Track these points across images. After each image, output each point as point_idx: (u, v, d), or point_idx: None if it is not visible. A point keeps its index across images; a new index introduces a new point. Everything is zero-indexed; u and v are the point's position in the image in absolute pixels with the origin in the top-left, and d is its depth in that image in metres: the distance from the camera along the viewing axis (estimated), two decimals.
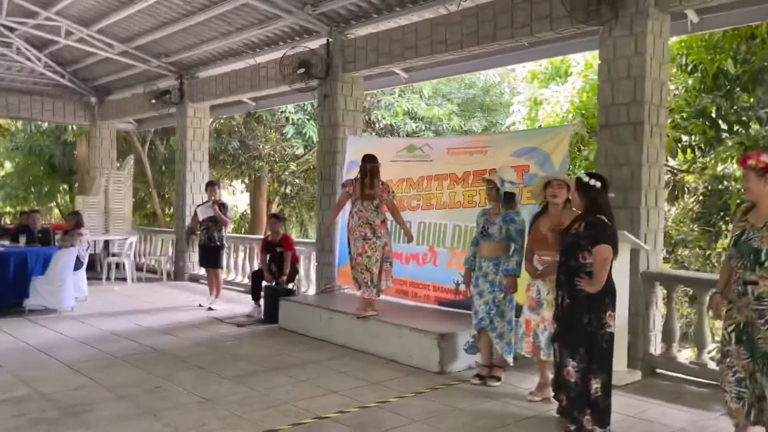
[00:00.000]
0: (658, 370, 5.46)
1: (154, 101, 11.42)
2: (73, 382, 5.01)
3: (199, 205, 8.79)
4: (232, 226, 9.61)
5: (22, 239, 8.68)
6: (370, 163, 6.21)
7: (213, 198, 8.59)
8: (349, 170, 8.08)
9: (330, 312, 6.72)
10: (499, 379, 5.12)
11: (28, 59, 11.91)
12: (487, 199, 5.22)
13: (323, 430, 4.06)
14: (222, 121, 15.90)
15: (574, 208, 4.36)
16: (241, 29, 9.20)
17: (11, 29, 10.82)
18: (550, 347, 4.49)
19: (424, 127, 13.59)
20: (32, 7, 9.83)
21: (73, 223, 9.12)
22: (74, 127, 16.29)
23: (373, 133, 14.89)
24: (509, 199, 5.03)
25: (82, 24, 10.22)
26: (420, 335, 5.64)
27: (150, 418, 4.21)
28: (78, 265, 8.60)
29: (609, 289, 4.07)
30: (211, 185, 8.83)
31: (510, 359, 5.13)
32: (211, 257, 8.70)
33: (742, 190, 3.98)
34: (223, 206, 8.67)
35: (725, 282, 3.77)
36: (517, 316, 5.00)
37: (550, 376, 4.61)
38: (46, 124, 17.29)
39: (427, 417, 4.30)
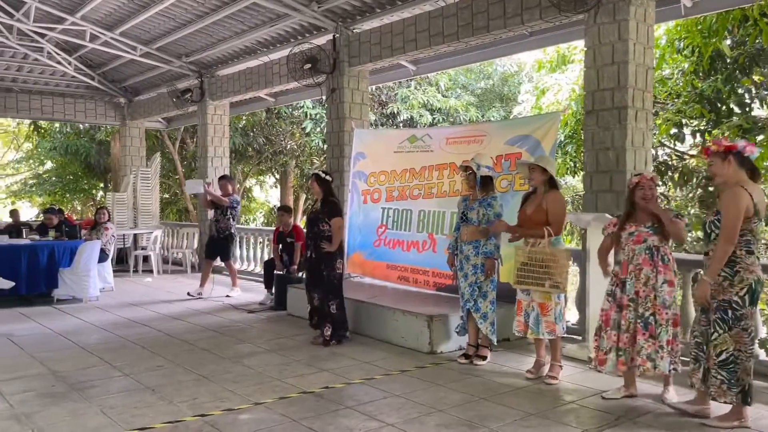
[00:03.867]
0: None
1: (176, 99, 11.87)
2: (85, 362, 5.39)
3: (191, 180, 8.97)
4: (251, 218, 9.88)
5: (52, 233, 9.20)
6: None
7: (226, 192, 8.92)
8: (356, 162, 8.33)
9: None
10: (484, 358, 5.29)
11: (59, 63, 12.50)
12: (466, 185, 5.38)
13: (305, 402, 4.30)
14: (245, 118, 16.31)
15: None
16: (254, 28, 9.52)
17: (41, 35, 11.40)
18: (539, 326, 4.73)
19: (441, 119, 13.71)
20: (59, 13, 10.35)
21: (103, 217, 9.66)
22: (107, 126, 16.97)
23: (394, 126, 15.12)
24: (486, 183, 5.21)
25: (105, 27, 10.70)
26: (412, 318, 5.85)
27: (148, 392, 4.54)
28: (103, 257, 9.09)
29: None
30: (222, 179, 9.16)
31: (494, 338, 5.31)
32: (219, 249, 9.03)
33: (711, 177, 4.15)
34: (230, 201, 8.89)
35: None
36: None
37: (546, 355, 4.85)
38: (81, 125, 18.06)
39: (407, 392, 4.52)
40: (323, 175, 6.14)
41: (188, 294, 8.97)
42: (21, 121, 21.52)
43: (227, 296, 8.94)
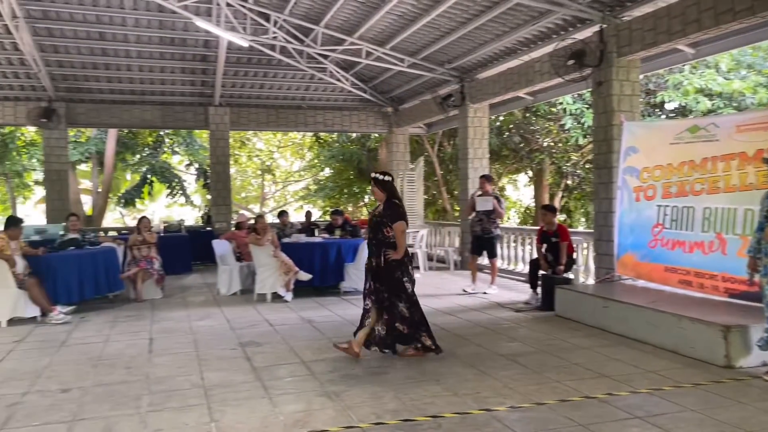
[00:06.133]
0: None
1: (439, 105, 12.48)
2: (374, 349, 5.96)
3: (479, 195, 9.39)
4: (506, 217, 10.12)
5: (337, 232, 10.36)
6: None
7: (485, 190, 9.19)
8: (626, 157, 7.87)
9: (606, 301, 6.69)
10: None
11: (338, 80, 14.02)
12: None
13: (589, 407, 4.20)
14: (501, 117, 16.45)
15: None
16: (515, 28, 9.58)
17: (324, 56, 12.90)
18: None
19: (722, 105, 12.23)
20: (340, 35, 11.62)
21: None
22: (375, 134, 18.58)
23: (662, 117, 13.93)
24: None
25: (377, 44, 11.71)
26: (703, 327, 5.33)
27: (433, 382, 4.85)
28: None
29: None
30: (483, 178, 9.42)
31: None
32: (485, 247, 9.32)
33: None
34: (498, 199, 9.22)
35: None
36: None
37: None
38: (353, 134, 20.02)
39: (704, 407, 4.13)
40: (381, 176, 5.63)
41: (464, 290, 9.37)
42: (305, 134, 24.62)
43: (484, 293, 9.16)
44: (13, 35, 11.20)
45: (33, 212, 25.97)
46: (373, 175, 5.70)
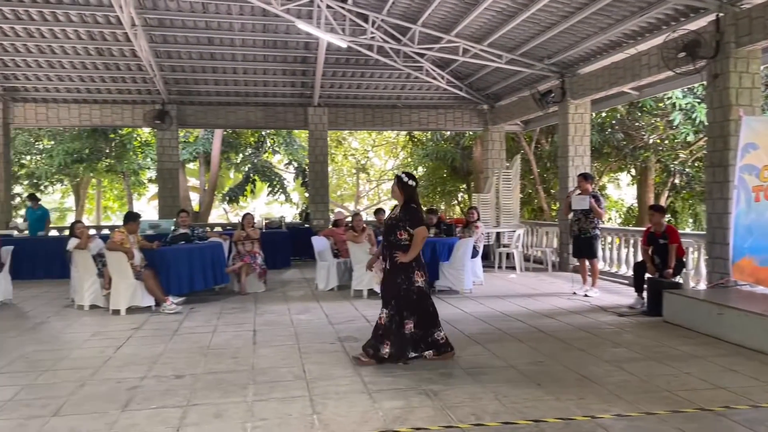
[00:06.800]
0: None
1: (537, 102, 12.17)
2: (472, 349, 5.91)
3: (576, 194, 9.09)
4: (606, 217, 9.67)
5: (433, 230, 10.33)
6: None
7: (584, 189, 8.88)
8: (744, 154, 7.35)
9: (721, 307, 6.27)
10: None
11: (434, 78, 14.00)
12: None
13: (704, 420, 3.95)
14: (604, 114, 15.83)
15: None
16: (620, 20, 9.18)
17: (421, 55, 12.93)
18: None
19: None
20: (437, 33, 11.60)
21: (473, 216, 10.52)
22: (470, 132, 18.40)
23: None
24: None
25: (474, 41, 11.59)
26: None
27: (534, 385, 4.74)
28: (474, 254, 9.85)
29: None
30: (582, 177, 9.09)
31: None
32: (584, 248, 8.99)
33: None
34: (596, 198, 8.87)
35: None
36: None
37: None
38: (447, 132, 19.94)
39: None
40: (406, 178, 5.48)
41: (574, 293, 9.11)
42: (398, 132, 24.80)
43: (585, 295, 8.85)
44: (132, 42, 12.02)
45: (146, 208, 27.77)
46: (397, 174, 5.61)
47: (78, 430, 3.93)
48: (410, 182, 5.48)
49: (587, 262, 9.16)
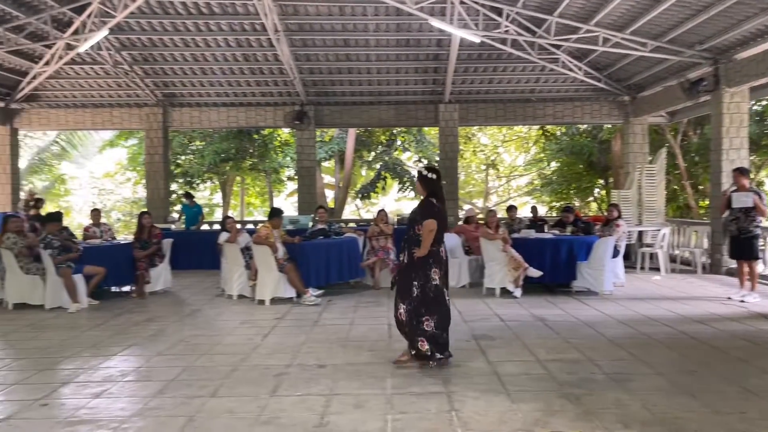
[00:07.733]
0: None
1: (686, 91, 11.33)
2: (614, 354, 5.62)
3: (733, 190, 8.37)
4: None
5: (569, 228, 9.97)
6: None
7: (740, 185, 8.13)
8: None
9: None
10: None
11: (570, 70, 13.47)
12: None
13: None
14: (762, 103, 14.39)
15: None
16: None
17: (557, 46, 12.49)
18: None
19: None
20: (575, 23, 11.15)
21: (613, 213, 10.00)
22: (608, 125, 17.50)
23: None
24: None
25: (615, 29, 11.01)
26: None
27: (688, 396, 4.41)
28: (614, 253, 9.36)
29: None
30: (737, 172, 8.32)
31: None
32: (742, 248, 8.22)
33: None
34: (759, 195, 8.09)
35: None
36: None
37: None
38: (583, 126, 19.11)
39: None
40: (425, 172, 5.32)
41: (728, 297, 8.43)
42: (530, 127, 24.15)
43: (741, 301, 8.10)
44: (275, 47, 12.71)
45: (285, 204, 29.29)
46: (418, 168, 5.62)
47: (234, 411, 4.23)
48: (430, 175, 5.30)
49: (745, 265, 8.38)
